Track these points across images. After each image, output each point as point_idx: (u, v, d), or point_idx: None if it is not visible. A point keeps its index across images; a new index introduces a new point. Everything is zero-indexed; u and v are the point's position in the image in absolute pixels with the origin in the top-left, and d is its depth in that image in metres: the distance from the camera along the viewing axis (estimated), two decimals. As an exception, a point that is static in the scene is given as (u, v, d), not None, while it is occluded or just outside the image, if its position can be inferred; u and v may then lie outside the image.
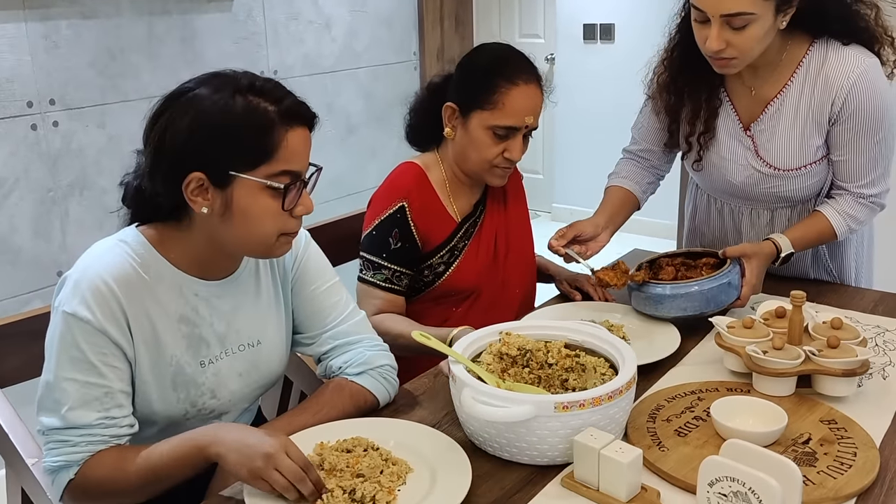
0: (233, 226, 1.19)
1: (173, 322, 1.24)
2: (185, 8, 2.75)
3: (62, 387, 1.16)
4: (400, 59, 3.66)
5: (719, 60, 1.59)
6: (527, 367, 1.30)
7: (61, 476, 1.16)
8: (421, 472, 1.15)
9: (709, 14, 1.52)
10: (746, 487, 0.98)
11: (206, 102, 1.16)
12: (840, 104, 1.62)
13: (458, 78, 1.69)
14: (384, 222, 1.68)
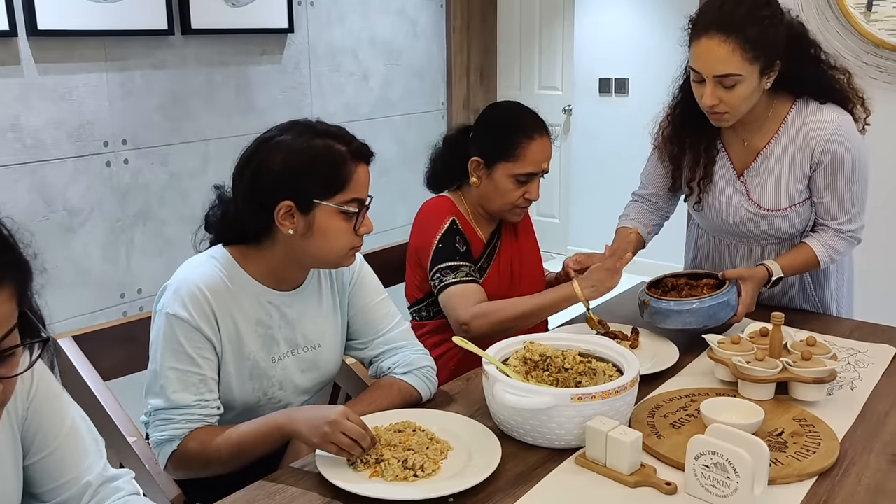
0: (313, 243, 1.46)
1: (252, 324, 1.50)
2: (240, 60, 3.06)
3: (166, 374, 1.42)
4: (429, 108, 3.97)
5: (714, 114, 1.85)
6: (546, 371, 1.55)
7: (166, 448, 1.41)
8: (459, 451, 1.39)
9: (704, 75, 1.79)
10: (724, 459, 1.22)
11: (293, 145, 1.44)
12: (819, 154, 1.87)
13: (480, 135, 1.97)
14: (446, 234, 1.93)
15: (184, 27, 2.82)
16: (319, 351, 1.60)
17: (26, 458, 1.11)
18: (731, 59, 1.74)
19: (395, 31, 3.71)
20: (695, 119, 1.95)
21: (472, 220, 2.03)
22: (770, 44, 1.76)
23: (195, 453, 1.40)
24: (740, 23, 1.73)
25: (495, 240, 2.06)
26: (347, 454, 1.31)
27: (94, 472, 1.16)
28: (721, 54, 1.74)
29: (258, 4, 3.04)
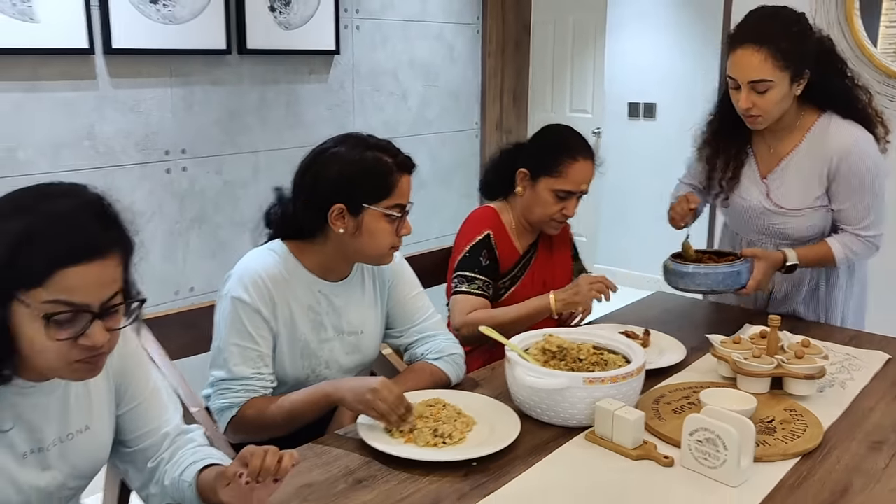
0: (360, 241, 1.67)
1: (304, 310, 1.71)
2: (290, 79, 3.31)
3: (229, 349, 1.63)
4: (464, 128, 4.19)
5: (749, 117, 2.05)
6: (563, 361, 1.72)
7: (226, 414, 1.62)
8: (482, 425, 1.58)
9: (739, 81, 1.99)
10: (715, 435, 1.39)
11: (347, 156, 1.66)
12: (836, 165, 2.06)
13: (531, 149, 2.18)
14: (476, 246, 2.14)
15: (240, 47, 3.07)
16: (362, 336, 1.80)
17: (118, 409, 1.33)
18: (763, 67, 1.94)
19: (433, 55, 3.94)
20: (729, 127, 2.17)
21: (514, 231, 2.22)
22: (799, 54, 1.96)
23: (252, 419, 1.61)
24: (773, 36, 1.94)
25: (531, 252, 2.25)
26: (386, 420, 1.51)
27: (172, 425, 1.37)
28: (755, 63, 1.94)
29: (309, 27, 3.28)
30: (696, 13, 5.12)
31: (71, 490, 1.28)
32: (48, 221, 1.07)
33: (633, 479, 1.41)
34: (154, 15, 2.79)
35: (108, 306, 1.10)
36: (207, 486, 1.24)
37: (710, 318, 2.31)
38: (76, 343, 1.08)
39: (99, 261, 1.07)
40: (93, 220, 1.10)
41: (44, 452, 1.21)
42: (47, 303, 1.05)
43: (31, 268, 1.04)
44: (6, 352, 1.09)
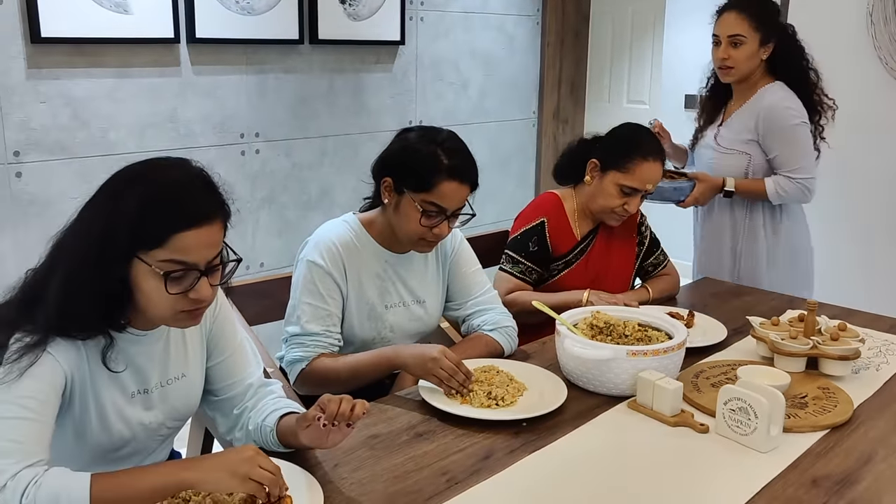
0: (396, 219, 1.83)
1: (371, 276, 1.88)
2: (357, 68, 3.48)
3: (302, 308, 1.80)
4: (522, 117, 4.31)
5: (724, 69, 2.57)
6: (609, 336, 1.86)
7: (296, 366, 1.79)
8: (532, 391, 1.72)
9: (721, 37, 2.54)
10: (747, 404, 1.51)
11: (410, 141, 1.81)
12: (764, 115, 2.55)
13: (605, 142, 2.29)
14: (528, 231, 2.28)
15: (311, 37, 3.25)
16: (423, 305, 1.96)
17: (209, 361, 1.51)
18: (740, 24, 2.51)
19: (493, 45, 4.07)
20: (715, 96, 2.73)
21: (575, 216, 2.33)
22: (768, 23, 2.52)
23: (319, 372, 1.78)
24: (750, 3, 2.52)
25: (590, 239, 2.35)
26: (445, 387, 1.66)
27: (255, 377, 1.54)
28: (733, 20, 2.52)
29: (376, 19, 3.44)
30: (756, 6, 5.13)
31: (168, 429, 1.47)
32: (164, 190, 1.25)
33: (671, 443, 1.54)
34: (233, 7, 2.97)
35: (212, 265, 1.27)
36: (288, 430, 1.40)
37: (754, 303, 2.41)
38: (185, 296, 1.26)
39: (207, 225, 1.24)
40: (201, 190, 1.28)
41: (148, 394, 1.40)
42: (165, 262, 1.23)
43: (152, 231, 1.22)
44: (125, 303, 1.28)
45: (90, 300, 1.24)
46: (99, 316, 1.26)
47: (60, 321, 1.24)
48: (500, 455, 1.48)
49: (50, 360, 1.24)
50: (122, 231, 1.22)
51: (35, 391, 1.21)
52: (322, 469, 1.41)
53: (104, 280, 1.23)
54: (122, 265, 1.24)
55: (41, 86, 2.63)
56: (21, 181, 2.62)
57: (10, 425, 1.18)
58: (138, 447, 1.43)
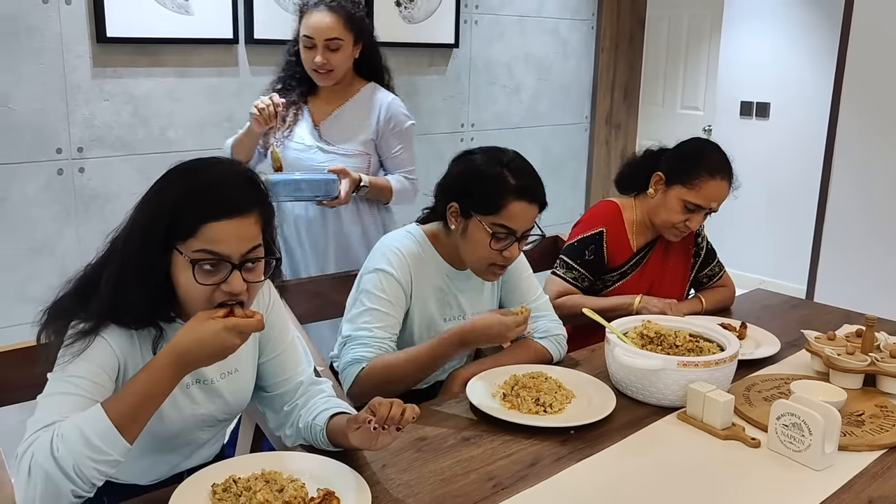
0: (463, 244, 1.82)
1: (434, 289, 1.88)
2: (411, 70, 3.50)
3: (370, 313, 1.79)
4: (574, 121, 4.29)
5: (322, 74, 2.41)
6: (660, 346, 1.84)
7: (353, 368, 1.77)
8: (580, 398, 1.71)
9: (316, 41, 2.35)
10: (801, 420, 1.48)
11: (475, 163, 1.80)
12: (383, 116, 2.49)
13: (672, 156, 2.24)
14: (585, 239, 2.26)
15: (367, 40, 3.27)
16: None
17: (261, 357, 1.53)
18: (337, 27, 2.36)
19: (547, 49, 4.05)
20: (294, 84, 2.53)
21: (633, 227, 2.30)
22: (359, 25, 2.42)
23: (380, 369, 1.74)
24: (342, 6, 2.38)
25: (646, 251, 2.32)
26: None
27: (306, 375, 1.56)
28: (331, 23, 2.35)
29: (431, 22, 3.46)
30: (815, 12, 5.03)
31: (220, 422, 1.50)
32: (202, 184, 1.29)
33: (721, 457, 1.52)
34: (291, 8, 3.01)
35: (247, 259, 1.30)
36: (337, 430, 1.42)
37: (808, 317, 2.36)
38: (219, 289, 1.28)
39: (239, 218, 1.27)
40: (238, 185, 1.31)
41: (203, 386, 1.43)
42: (196, 251, 1.26)
43: (187, 222, 1.26)
44: (169, 294, 1.31)
45: (138, 291, 1.28)
46: (147, 307, 1.30)
47: (113, 310, 1.29)
48: (547, 462, 1.48)
49: (103, 344, 1.28)
50: (161, 222, 1.26)
51: (85, 371, 1.25)
52: (370, 469, 1.42)
53: (149, 271, 1.27)
54: (163, 256, 1.28)
55: (105, 84, 2.70)
56: (84, 176, 2.69)
57: (56, 400, 1.23)
58: (189, 438, 1.46)
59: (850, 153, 3.60)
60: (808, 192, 4.75)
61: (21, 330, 2.56)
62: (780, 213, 5.23)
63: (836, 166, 3.65)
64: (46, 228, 2.63)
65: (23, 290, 2.59)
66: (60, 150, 2.64)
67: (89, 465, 1.16)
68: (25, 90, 2.53)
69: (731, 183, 2.20)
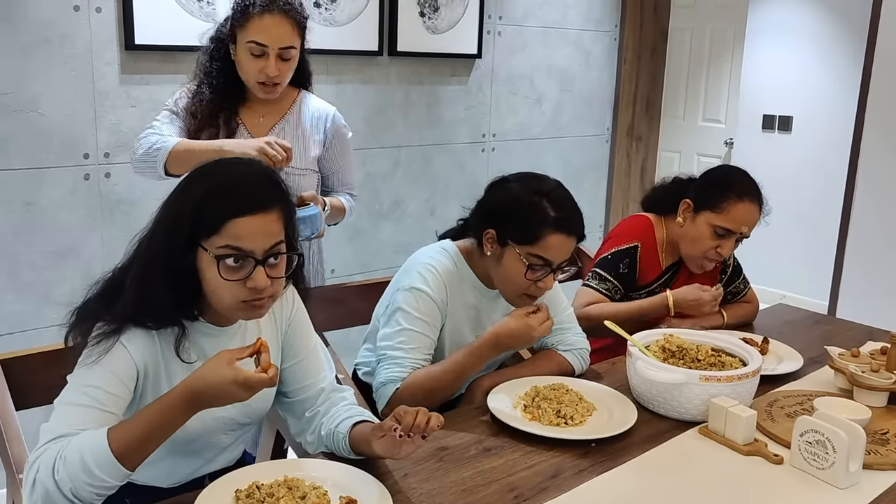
0: (498, 271, 1.80)
1: (466, 306, 1.87)
2: (434, 80, 3.51)
3: (408, 334, 1.77)
4: (595, 133, 4.29)
5: (271, 86, 2.13)
6: (681, 360, 1.84)
7: (388, 388, 1.74)
8: (602, 411, 1.71)
9: (270, 48, 2.06)
10: (825, 437, 1.47)
11: (515, 191, 1.78)
12: (329, 128, 2.29)
13: (700, 182, 2.22)
14: (619, 252, 2.23)
15: (391, 49, 3.30)
16: None
17: (283, 363, 1.54)
18: (293, 34, 2.10)
19: (569, 61, 4.06)
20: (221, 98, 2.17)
21: (662, 246, 2.28)
22: (305, 30, 2.16)
23: (418, 384, 1.72)
24: (293, 7, 2.11)
25: (674, 270, 2.30)
26: None
27: (327, 382, 1.57)
28: (287, 29, 2.08)
29: (454, 32, 3.48)
30: (839, 26, 5.01)
31: (240, 426, 1.51)
32: (225, 182, 1.32)
33: (743, 473, 1.51)
34: (317, 17, 3.04)
35: (270, 254, 1.32)
36: (360, 438, 1.43)
37: (831, 332, 2.35)
38: (244, 285, 1.31)
39: (262, 214, 1.30)
40: (260, 183, 1.34)
41: None
42: (220, 248, 1.29)
43: (211, 219, 1.29)
44: (194, 292, 1.34)
45: (162, 290, 1.30)
46: (171, 305, 1.32)
47: (136, 309, 1.31)
48: (569, 474, 1.48)
49: (122, 352, 1.30)
50: (185, 220, 1.29)
51: (101, 380, 1.28)
52: (392, 478, 1.43)
53: (173, 270, 1.30)
54: (188, 254, 1.30)
55: (132, 91, 2.73)
56: (110, 181, 2.73)
57: (68, 410, 1.26)
58: (211, 441, 1.47)
59: (873, 168, 3.58)
60: (831, 207, 4.72)
61: (47, 332, 2.59)
62: (801, 226, 5.20)
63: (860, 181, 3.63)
64: (72, 232, 2.66)
65: (48, 293, 2.63)
66: (87, 156, 2.67)
67: (87, 489, 1.19)
68: (55, 96, 2.57)
69: (762, 207, 2.16)
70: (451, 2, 3.45)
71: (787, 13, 5.28)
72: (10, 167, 2.52)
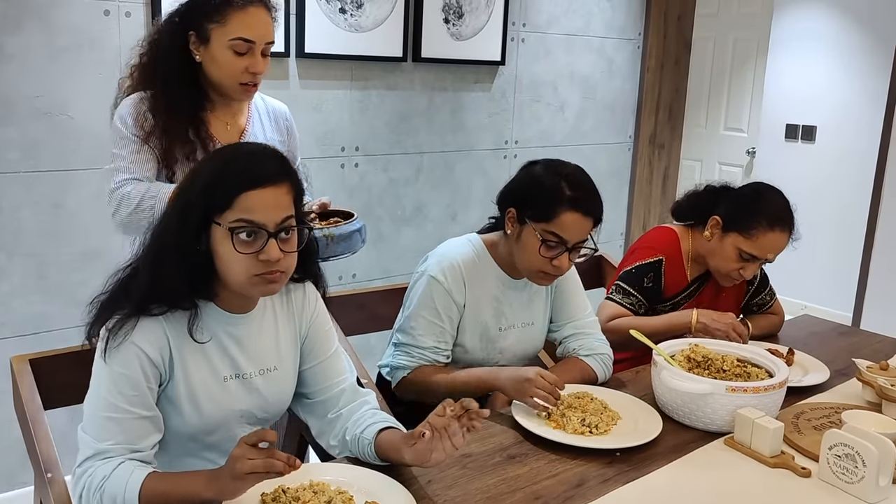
0: (517, 250, 1.84)
1: (489, 298, 1.90)
2: (457, 87, 3.52)
3: (417, 320, 1.84)
4: (617, 141, 4.28)
5: (251, 88, 1.94)
6: (707, 371, 1.82)
7: (399, 372, 1.85)
8: (627, 421, 1.70)
9: (257, 44, 1.89)
10: (854, 451, 1.46)
11: (536, 173, 1.83)
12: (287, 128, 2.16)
13: (731, 199, 2.17)
14: (644, 266, 2.21)
15: (415, 55, 3.31)
16: (532, 327, 1.99)
17: (304, 363, 1.55)
18: (272, 28, 1.94)
19: (592, 69, 4.05)
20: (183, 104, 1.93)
21: (688, 258, 2.26)
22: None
23: (419, 381, 1.83)
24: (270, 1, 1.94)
25: (700, 283, 2.28)
26: (541, 408, 1.66)
27: (349, 384, 1.57)
28: (271, 23, 1.93)
29: (478, 39, 3.48)
30: (864, 35, 4.97)
31: (258, 419, 1.51)
32: (233, 159, 1.37)
33: (769, 485, 1.50)
34: (342, 23, 3.06)
35: (281, 227, 1.35)
36: (387, 445, 1.43)
37: (857, 345, 2.32)
38: (257, 259, 1.33)
39: (272, 187, 1.34)
40: (270, 158, 1.39)
41: (241, 380, 1.45)
42: (234, 221, 1.32)
43: (223, 195, 1.32)
44: (207, 274, 1.37)
45: (175, 269, 1.33)
46: (184, 285, 1.35)
47: (150, 290, 1.34)
48: (594, 483, 1.47)
49: (135, 351, 1.33)
50: (199, 198, 1.33)
51: (124, 385, 1.33)
52: (416, 484, 1.43)
53: (187, 247, 1.33)
54: (202, 231, 1.34)
55: (159, 94, 2.75)
56: (136, 184, 2.75)
57: (103, 424, 1.32)
58: (229, 434, 1.47)
59: (900, 179, 3.54)
60: (855, 217, 4.68)
61: (74, 333, 2.61)
62: (825, 237, 5.15)
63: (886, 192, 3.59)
64: (98, 234, 2.68)
65: (74, 295, 2.65)
66: (114, 158, 2.70)
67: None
68: (84, 99, 2.60)
69: (792, 234, 2.12)
70: (475, 9, 3.46)
71: (811, 21, 5.24)
72: (38, 169, 2.55)
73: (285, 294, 1.53)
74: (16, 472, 2.64)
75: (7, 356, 1.72)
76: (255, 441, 1.22)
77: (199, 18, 1.89)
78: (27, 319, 2.61)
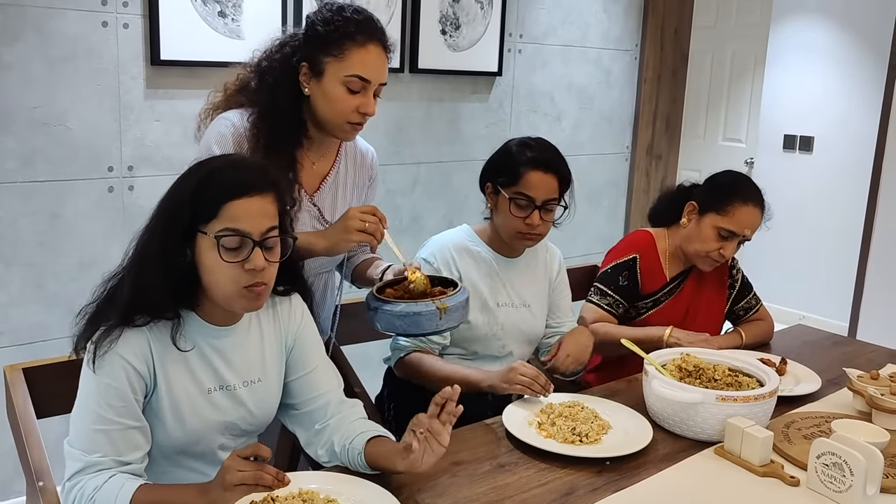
0: (498, 219, 1.98)
1: (483, 274, 2.01)
2: (455, 97, 3.54)
3: None
4: (614, 151, 4.29)
5: (358, 128, 1.79)
6: (698, 380, 1.83)
7: (395, 353, 1.95)
8: (617, 430, 1.71)
9: (373, 83, 1.73)
10: (842, 460, 1.46)
11: (505, 145, 1.99)
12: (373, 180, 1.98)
13: (705, 186, 2.29)
14: (619, 266, 2.30)
15: (412, 66, 3.33)
16: (530, 309, 2.07)
17: (290, 375, 1.56)
18: (387, 67, 1.77)
19: (589, 79, 4.07)
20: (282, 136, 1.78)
21: (666, 256, 2.33)
22: None
23: (413, 365, 1.94)
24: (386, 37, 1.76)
25: (680, 281, 2.33)
26: (531, 391, 1.75)
27: (335, 395, 1.57)
28: (385, 62, 1.76)
29: (475, 50, 3.51)
30: (861, 47, 4.99)
31: (244, 432, 1.52)
32: (218, 169, 1.40)
33: (758, 494, 1.50)
34: (339, 35, 3.08)
35: (267, 237, 1.36)
36: (377, 454, 1.43)
37: (850, 354, 2.33)
38: (243, 269, 1.34)
39: (257, 196, 1.36)
40: (254, 168, 1.42)
41: (225, 392, 1.46)
42: (220, 230, 1.34)
43: (208, 203, 1.34)
44: (191, 284, 1.38)
45: (158, 278, 1.34)
46: (167, 294, 1.36)
47: (133, 299, 1.35)
48: (583, 492, 1.48)
49: (120, 363, 1.35)
50: (184, 208, 1.34)
51: (111, 396, 1.34)
52: (406, 492, 1.43)
53: (172, 256, 1.35)
54: (187, 241, 1.35)
55: (157, 105, 2.77)
56: (133, 194, 2.77)
57: (90, 436, 1.34)
58: (212, 446, 1.48)
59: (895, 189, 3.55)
60: (851, 227, 4.68)
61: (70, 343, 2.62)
62: (821, 247, 5.16)
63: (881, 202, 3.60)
64: (95, 244, 2.70)
65: (72, 304, 2.65)
66: (112, 169, 2.71)
67: None
68: (82, 110, 2.62)
69: (764, 212, 2.22)
70: (472, 20, 3.48)
71: (808, 33, 5.27)
72: (36, 179, 2.57)
73: (272, 306, 1.54)
74: (10, 481, 2.64)
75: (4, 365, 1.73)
76: (249, 454, 1.23)
77: (316, 50, 1.73)
78: (25, 329, 2.62)
